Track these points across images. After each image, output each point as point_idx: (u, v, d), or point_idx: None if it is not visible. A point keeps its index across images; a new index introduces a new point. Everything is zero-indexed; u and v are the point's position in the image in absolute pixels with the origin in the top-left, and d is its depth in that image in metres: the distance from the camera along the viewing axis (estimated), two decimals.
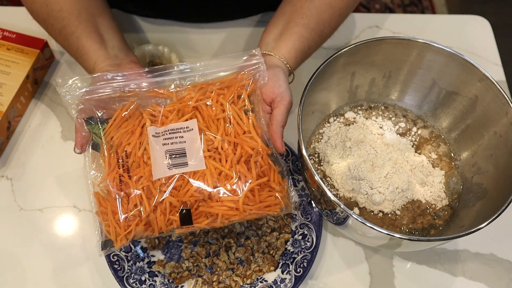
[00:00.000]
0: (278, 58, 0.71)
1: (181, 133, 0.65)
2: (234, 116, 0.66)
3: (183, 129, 0.65)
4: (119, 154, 0.65)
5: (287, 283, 0.71)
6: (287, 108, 0.67)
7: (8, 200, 0.78)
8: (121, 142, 0.66)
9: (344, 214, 0.62)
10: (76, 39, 0.70)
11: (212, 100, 0.67)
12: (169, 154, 0.64)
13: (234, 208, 0.62)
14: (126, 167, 0.64)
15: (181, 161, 0.63)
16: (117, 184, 0.63)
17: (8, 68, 0.83)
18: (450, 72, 0.74)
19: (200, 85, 0.69)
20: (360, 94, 0.81)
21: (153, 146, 0.64)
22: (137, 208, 0.62)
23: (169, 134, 0.65)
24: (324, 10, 0.74)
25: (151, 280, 0.71)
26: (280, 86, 0.68)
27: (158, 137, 0.65)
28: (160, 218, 0.62)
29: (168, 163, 0.63)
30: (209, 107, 0.67)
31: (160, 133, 0.65)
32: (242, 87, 0.68)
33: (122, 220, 0.62)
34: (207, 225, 0.63)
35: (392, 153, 0.74)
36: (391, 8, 2.01)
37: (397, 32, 0.97)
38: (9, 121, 0.81)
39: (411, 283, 0.74)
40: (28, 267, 0.74)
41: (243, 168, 0.63)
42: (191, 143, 0.64)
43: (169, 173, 0.62)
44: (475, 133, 0.74)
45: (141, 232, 0.63)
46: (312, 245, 0.73)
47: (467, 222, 0.68)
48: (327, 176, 0.74)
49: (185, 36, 0.94)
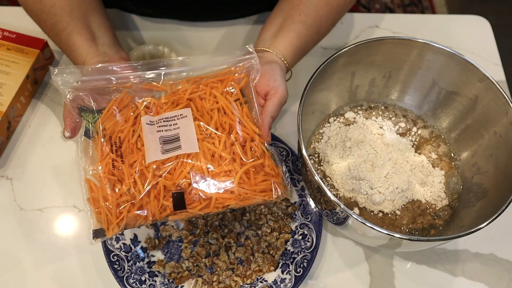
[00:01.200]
0: (275, 54, 0.71)
1: (175, 120, 0.65)
2: (227, 106, 0.66)
3: (177, 116, 0.66)
4: (112, 140, 0.65)
5: (287, 283, 0.71)
6: (280, 100, 0.67)
7: (8, 200, 0.78)
8: (113, 130, 0.66)
9: (344, 214, 0.62)
10: (67, 35, 0.71)
11: (206, 93, 0.67)
12: (163, 140, 0.64)
13: (229, 190, 0.62)
14: (119, 153, 0.64)
15: (175, 145, 0.63)
16: (110, 169, 0.63)
17: (8, 68, 0.83)
18: (450, 72, 0.74)
19: (194, 79, 0.69)
20: (360, 94, 0.81)
21: (147, 133, 0.64)
22: (130, 192, 0.61)
23: (164, 122, 0.65)
24: (322, 7, 0.74)
25: (151, 280, 0.71)
26: (275, 80, 0.68)
27: (152, 125, 0.65)
28: (153, 204, 0.61)
29: (162, 148, 0.63)
30: (203, 100, 0.67)
31: (155, 121, 0.65)
32: (235, 81, 0.68)
33: (114, 206, 0.61)
34: (201, 211, 0.62)
35: (392, 153, 0.74)
36: (391, 8, 2.01)
37: (397, 32, 0.97)
38: (9, 121, 0.81)
39: (411, 283, 0.74)
40: (28, 267, 0.74)
41: (237, 149, 0.63)
42: (184, 129, 0.64)
43: (162, 157, 0.62)
44: (475, 133, 0.74)
45: (133, 220, 0.62)
46: (312, 245, 0.73)
47: (467, 222, 0.68)
48: (327, 176, 0.74)
49: (184, 35, 0.94)
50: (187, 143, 0.63)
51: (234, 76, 0.69)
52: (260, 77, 0.69)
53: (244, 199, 0.63)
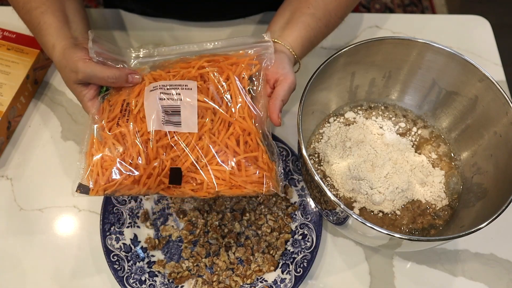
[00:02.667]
0: (283, 45, 0.71)
1: (179, 89, 0.64)
2: (233, 94, 0.66)
3: (181, 86, 0.65)
4: (122, 106, 0.65)
5: (287, 283, 0.71)
6: (289, 86, 0.68)
7: (8, 200, 0.78)
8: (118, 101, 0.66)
9: (344, 214, 0.62)
10: (40, 14, 0.70)
11: (218, 72, 0.67)
12: (164, 109, 0.63)
13: (221, 178, 0.63)
14: (126, 118, 0.64)
15: (175, 119, 0.64)
16: (117, 135, 0.64)
17: (8, 68, 0.83)
18: (450, 72, 0.74)
19: (207, 57, 0.69)
20: (360, 94, 0.81)
21: (149, 99, 0.64)
22: (130, 160, 0.62)
23: (167, 89, 0.65)
24: (331, 1, 0.74)
25: (151, 280, 0.71)
26: (284, 68, 0.68)
27: (155, 90, 0.65)
28: (152, 178, 0.62)
29: (163, 118, 0.63)
30: (211, 78, 0.66)
31: (158, 86, 0.65)
32: (248, 66, 0.68)
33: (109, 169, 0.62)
34: (193, 192, 0.63)
35: (392, 153, 0.74)
36: (391, 8, 2.01)
37: (397, 32, 0.97)
38: (9, 121, 0.81)
39: (411, 283, 0.74)
40: (28, 267, 0.74)
41: (232, 142, 0.64)
42: (187, 104, 0.64)
43: (162, 128, 0.63)
44: (475, 133, 0.74)
45: (126, 188, 0.63)
46: (312, 245, 0.73)
47: (467, 222, 0.68)
48: (327, 176, 0.74)
49: (185, 35, 0.94)
50: (187, 121, 0.63)
51: (248, 61, 0.68)
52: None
53: (235, 187, 0.63)
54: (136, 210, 0.76)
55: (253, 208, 0.77)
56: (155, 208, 0.77)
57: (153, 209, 0.77)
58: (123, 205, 0.76)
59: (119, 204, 0.75)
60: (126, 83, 0.67)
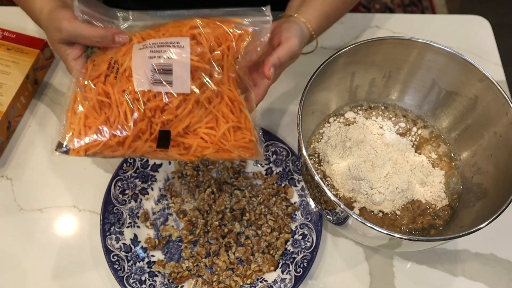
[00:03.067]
0: (299, 18, 0.71)
1: (171, 47, 0.60)
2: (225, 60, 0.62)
3: (173, 43, 0.60)
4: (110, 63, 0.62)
5: (287, 283, 0.71)
6: (290, 48, 0.67)
7: (8, 200, 0.78)
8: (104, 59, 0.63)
9: (344, 214, 0.62)
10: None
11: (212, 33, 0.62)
12: (155, 67, 0.59)
13: (209, 141, 0.61)
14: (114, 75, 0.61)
15: (167, 78, 0.59)
16: (102, 93, 0.60)
17: (8, 68, 0.83)
18: (450, 72, 0.74)
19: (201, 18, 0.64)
20: (360, 94, 0.81)
21: (138, 57, 0.60)
22: (118, 119, 0.58)
23: (157, 47, 0.60)
24: None
25: (151, 280, 0.71)
26: (291, 32, 0.68)
27: (145, 49, 0.60)
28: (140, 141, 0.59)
29: (152, 77, 0.59)
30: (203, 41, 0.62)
31: (148, 44, 0.60)
32: (240, 37, 0.64)
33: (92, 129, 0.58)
34: (179, 155, 0.61)
35: (392, 153, 0.74)
36: (391, 8, 2.02)
37: (397, 32, 0.97)
38: (9, 121, 0.81)
39: (411, 283, 0.74)
40: (28, 267, 0.74)
41: (224, 108, 0.62)
42: (179, 62, 0.60)
43: (151, 88, 0.59)
44: (475, 133, 0.74)
45: (110, 150, 0.60)
46: (312, 245, 0.73)
47: (467, 222, 0.68)
48: (327, 176, 0.74)
49: None
50: (179, 80, 0.59)
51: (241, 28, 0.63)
52: (277, 33, 0.68)
53: (221, 150, 0.62)
54: (136, 210, 0.76)
55: (253, 208, 0.77)
56: (155, 208, 0.77)
57: (153, 209, 0.77)
58: (123, 205, 0.76)
59: (119, 204, 0.75)
60: (112, 43, 0.63)
